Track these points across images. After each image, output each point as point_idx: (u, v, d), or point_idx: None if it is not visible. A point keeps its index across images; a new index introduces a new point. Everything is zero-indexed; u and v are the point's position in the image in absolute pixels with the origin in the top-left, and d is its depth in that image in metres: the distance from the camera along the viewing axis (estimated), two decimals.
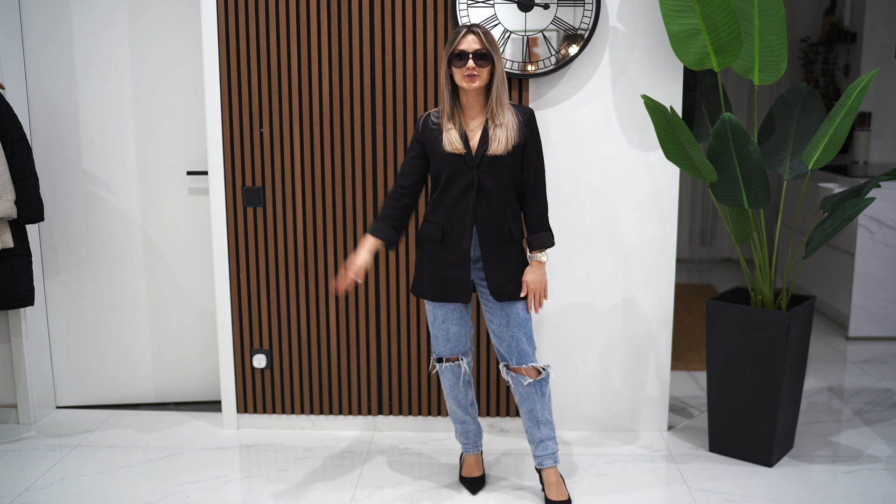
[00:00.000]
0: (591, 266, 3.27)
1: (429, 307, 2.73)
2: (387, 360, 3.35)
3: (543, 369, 2.71)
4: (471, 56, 2.47)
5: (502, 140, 2.53)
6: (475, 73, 2.47)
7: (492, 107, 2.54)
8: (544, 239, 2.65)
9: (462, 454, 2.99)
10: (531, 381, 2.68)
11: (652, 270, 3.27)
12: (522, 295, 2.63)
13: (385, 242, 2.67)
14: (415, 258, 2.81)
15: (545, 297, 2.67)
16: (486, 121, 2.56)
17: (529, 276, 2.64)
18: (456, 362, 2.78)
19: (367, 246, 2.65)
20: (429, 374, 3.34)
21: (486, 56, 2.48)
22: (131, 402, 3.72)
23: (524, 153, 2.61)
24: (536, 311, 2.66)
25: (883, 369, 4.14)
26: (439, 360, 2.79)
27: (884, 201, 4.40)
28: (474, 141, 2.57)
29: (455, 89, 2.56)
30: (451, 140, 2.55)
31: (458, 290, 2.62)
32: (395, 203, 2.67)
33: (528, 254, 2.66)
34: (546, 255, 2.65)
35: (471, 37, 2.49)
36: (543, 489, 2.80)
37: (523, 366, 2.68)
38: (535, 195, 2.64)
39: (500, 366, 2.75)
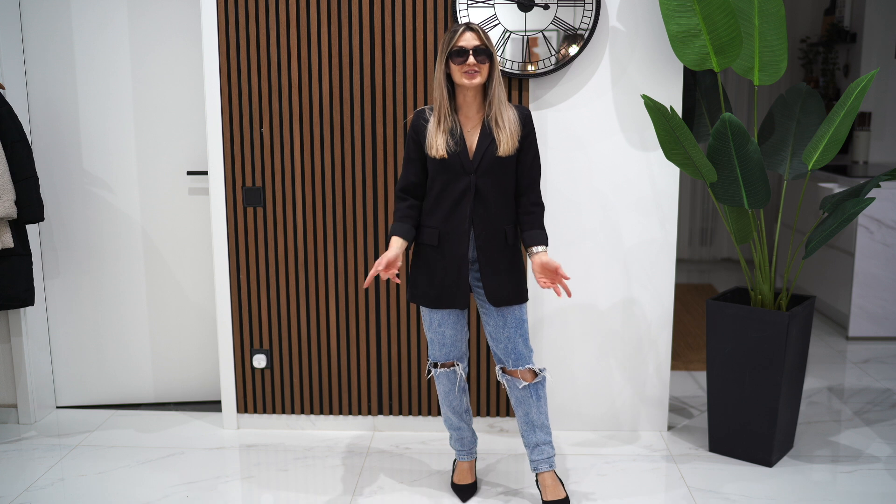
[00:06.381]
0: (591, 266, 3.27)
1: (424, 312, 2.68)
2: (387, 360, 3.35)
3: (539, 372, 2.69)
4: (471, 52, 2.44)
5: (508, 142, 2.51)
6: (476, 69, 2.45)
7: (492, 105, 2.51)
8: (540, 237, 2.60)
9: (455, 460, 2.95)
10: (527, 384, 2.66)
11: (652, 270, 3.27)
12: (541, 287, 2.48)
13: (406, 240, 2.60)
14: (410, 264, 2.75)
15: (565, 277, 2.54)
16: (485, 121, 2.53)
17: (538, 271, 2.55)
18: (451, 368, 2.74)
19: (395, 244, 2.58)
20: (428, 375, 3.34)
21: (485, 52, 2.46)
22: (131, 402, 3.72)
23: (521, 150, 2.58)
24: (569, 295, 2.54)
25: (883, 369, 4.14)
26: (434, 366, 2.76)
27: (884, 201, 4.40)
28: (472, 143, 2.54)
29: (451, 89, 2.53)
30: (436, 145, 2.51)
31: (456, 295, 2.59)
32: (402, 204, 2.63)
33: (528, 249, 2.59)
34: (543, 248, 2.58)
35: (469, 34, 2.47)
36: (540, 492, 2.77)
37: (519, 368, 2.65)
38: (533, 189, 2.62)
39: (497, 368, 2.71)
